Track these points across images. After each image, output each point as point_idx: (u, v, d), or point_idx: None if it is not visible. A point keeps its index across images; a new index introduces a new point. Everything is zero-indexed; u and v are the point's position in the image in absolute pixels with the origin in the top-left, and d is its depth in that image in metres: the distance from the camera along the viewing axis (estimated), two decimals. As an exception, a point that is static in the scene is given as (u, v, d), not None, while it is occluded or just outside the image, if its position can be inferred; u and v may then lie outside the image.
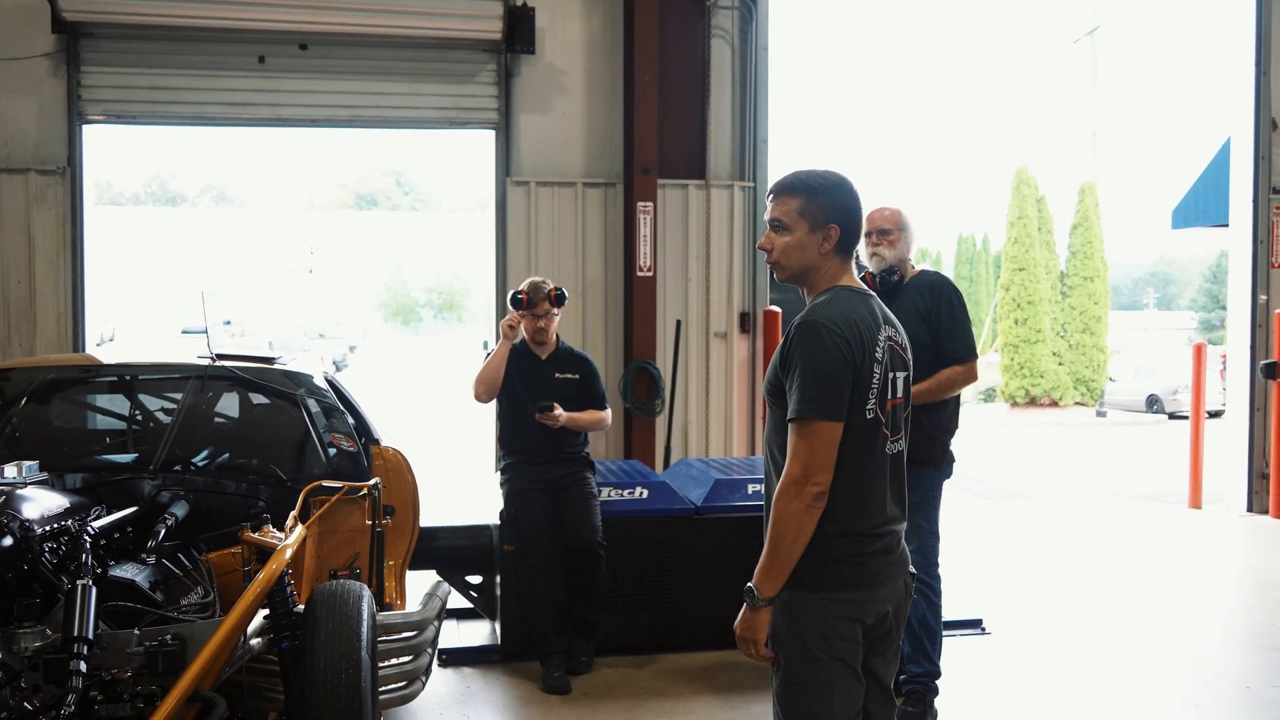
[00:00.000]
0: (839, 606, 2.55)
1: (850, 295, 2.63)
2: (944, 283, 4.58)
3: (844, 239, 2.65)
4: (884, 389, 2.59)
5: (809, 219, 2.63)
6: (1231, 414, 9.64)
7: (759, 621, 2.58)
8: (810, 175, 2.67)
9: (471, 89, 7.95)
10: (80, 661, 2.64)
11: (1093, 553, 8.10)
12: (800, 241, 2.64)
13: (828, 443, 2.49)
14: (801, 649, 2.55)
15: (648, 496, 5.39)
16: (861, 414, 2.54)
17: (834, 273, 2.67)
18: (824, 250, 2.64)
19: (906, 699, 4.43)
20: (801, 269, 2.68)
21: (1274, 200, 9.26)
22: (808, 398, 2.48)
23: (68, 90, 7.46)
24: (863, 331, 2.56)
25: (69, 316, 7.57)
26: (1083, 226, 27.55)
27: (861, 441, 2.56)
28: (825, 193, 2.64)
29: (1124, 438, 20.37)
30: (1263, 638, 5.71)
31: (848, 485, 2.55)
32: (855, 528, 2.57)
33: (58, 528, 3.08)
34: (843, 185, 2.67)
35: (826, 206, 2.63)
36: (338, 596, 2.99)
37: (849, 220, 2.65)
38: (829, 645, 2.54)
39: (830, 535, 2.54)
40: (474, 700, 4.77)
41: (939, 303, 4.48)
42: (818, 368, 2.49)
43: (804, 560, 2.55)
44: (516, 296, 5.16)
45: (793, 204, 2.65)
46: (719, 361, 8.34)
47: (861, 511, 2.58)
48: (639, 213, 7.89)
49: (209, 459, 4.24)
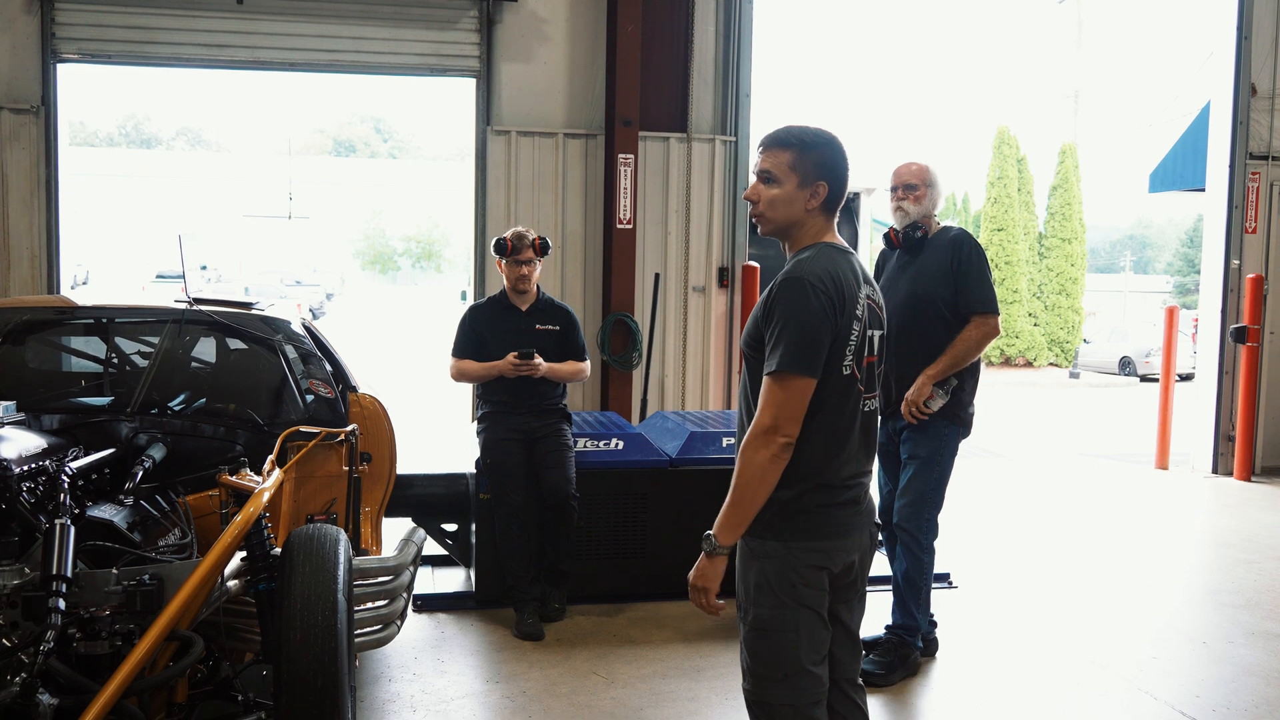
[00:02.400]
0: (806, 555, 2.60)
1: (833, 252, 2.65)
2: (965, 237, 4.51)
3: (831, 197, 2.67)
4: (861, 346, 2.63)
5: (799, 173, 2.64)
6: (1201, 377, 9.77)
7: (714, 570, 2.60)
8: (803, 130, 2.68)
9: (453, 36, 7.88)
10: (59, 599, 2.66)
11: (1061, 511, 8.24)
12: (788, 195, 2.66)
13: (801, 397, 2.52)
14: (770, 596, 2.61)
15: (623, 448, 5.44)
16: (839, 370, 2.58)
17: (818, 229, 2.69)
18: (810, 206, 2.66)
19: (881, 648, 4.51)
20: (786, 223, 2.69)
21: (1251, 166, 9.33)
22: (788, 352, 2.51)
23: (42, 28, 7.34)
24: (844, 289, 2.59)
25: (43, 258, 7.50)
26: (1062, 188, 27.64)
27: (837, 396, 2.60)
28: (817, 149, 2.65)
29: (1096, 399, 20.58)
30: (1221, 595, 5.84)
31: (821, 439, 2.60)
32: (827, 480, 2.62)
33: (35, 467, 3.08)
34: (834, 143, 2.68)
35: (817, 162, 2.64)
36: (315, 540, 3.01)
37: (837, 179, 2.67)
38: (796, 592, 2.59)
39: (802, 487, 2.60)
40: (448, 645, 4.83)
41: (960, 256, 4.43)
42: (800, 324, 2.52)
43: (774, 510, 2.60)
44: (501, 242, 5.16)
45: (784, 157, 2.65)
46: (697, 315, 8.37)
47: (833, 464, 2.62)
48: (620, 165, 7.86)
49: (186, 403, 4.24)
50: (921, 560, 4.48)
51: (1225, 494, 8.73)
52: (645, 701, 4.21)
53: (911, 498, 4.45)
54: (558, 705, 4.16)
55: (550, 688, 4.33)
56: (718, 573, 2.60)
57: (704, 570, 2.61)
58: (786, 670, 2.60)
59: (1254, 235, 9.39)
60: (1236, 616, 5.45)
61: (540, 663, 4.60)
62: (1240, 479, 9.19)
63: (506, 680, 4.42)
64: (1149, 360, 24.28)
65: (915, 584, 4.49)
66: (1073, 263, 27.46)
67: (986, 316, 4.39)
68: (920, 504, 4.45)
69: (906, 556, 4.49)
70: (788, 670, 2.60)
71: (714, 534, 2.59)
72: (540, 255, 5.19)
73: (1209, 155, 9.73)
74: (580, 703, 4.19)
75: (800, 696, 2.61)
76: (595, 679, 4.43)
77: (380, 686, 4.32)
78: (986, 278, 4.45)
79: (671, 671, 4.52)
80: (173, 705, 2.95)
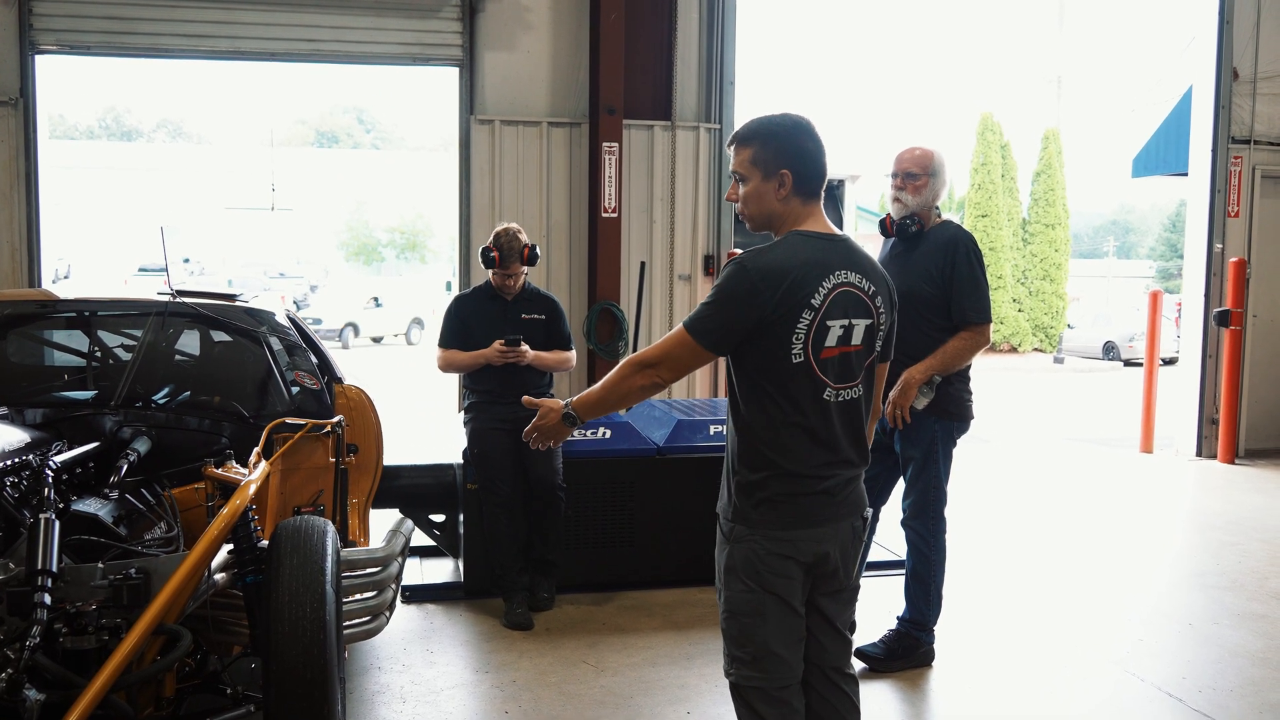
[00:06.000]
0: (770, 543, 2.62)
1: (799, 240, 2.61)
2: (962, 238, 4.28)
3: (800, 182, 2.64)
4: (819, 335, 2.56)
5: (760, 167, 2.64)
6: (1185, 361, 9.83)
7: (559, 431, 2.80)
8: (763, 122, 2.66)
9: (435, 24, 7.84)
10: (44, 594, 2.64)
11: (1047, 495, 8.28)
12: (757, 190, 2.66)
13: (689, 356, 2.62)
14: (738, 580, 2.65)
15: (610, 436, 5.43)
16: (785, 359, 2.55)
17: (796, 216, 2.66)
18: (781, 195, 2.64)
19: (887, 638, 4.51)
20: (765, 216, 2.69)
21: (1233, 150, 9.37)
22: (698, 318, 2.61)
23: (19, 19, 7.27)
24: (793, 279, 2.53)
25: (24, 252, 7.44)
26: (1045, 174, 27.70)
27: (790, 385, 2.57)
28: (775, 139, 2.63)
29: (1080, 384, 20.68)
30: (1205, 577, 5.88)
31: (777, 424, 2.59)
32: (790, 468, 2.60)
33: (19, 462, 3.06)
34: (795, 128, 2.64)
35: (777, 152, 2.63)
36: (302, 532, 2.99)
37: (802, 163, 2.63)
38: (760, 578, 2.62)
39: (764, 474, 2.61)
40: (437, 636, 4.83)
41: (955, 260, 4.21)
42: (719, 301, 2.58)
43: (740, 494, 2.64)
44: (489, 255, 5.10)
45: (745, 154, 2.66)
46: (683, 303, 8.36)
47: (795, 453, 2.60)
48: (604, 153, 7.84)
49: (170, 396, 4.21)
50: (930, 557, 4.43)
51: (1210, 477, 8.79)
52: (635, 689, 4.22)
53: (915, 497, 4.42)
54: (547, 694, 4.16)
55: (540, 677, 4.33)
56: (561, 434, 2.81)
57: (554, 428, 2.79)
58: (755, 652, 2.63)
59: (1236, 219, 9.44)
60: (1222, 598, 5.48)
61: (530, 652, 4.60)
62: (1224, 462, 9.25)
63: (496, 670, 4.41)
64: (1132, 345, 24.39)
65: (924, 580, 4.46)
66: (1056, 248, 27.55)
67: (979, 326, 4.24)
68: (923, 502, 4.40)
69: (914, 554, 4.47)
70: (756, 653, 2.63)
71: (578, 409, 2.75)
72: (528, 265, 5.15)
73: (1191, 140, 9.76)
74: (570, 691, 4.19)
75: (770, 680, 2.63)
76: (585, 667, 4.43)
77: (370, 678, 4.31)
78: (981, 285, 4.26)
79: (661, 659, 4.53)
80: (161, 699, 2.94)
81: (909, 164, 4.32)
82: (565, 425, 2.77)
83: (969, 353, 4.26)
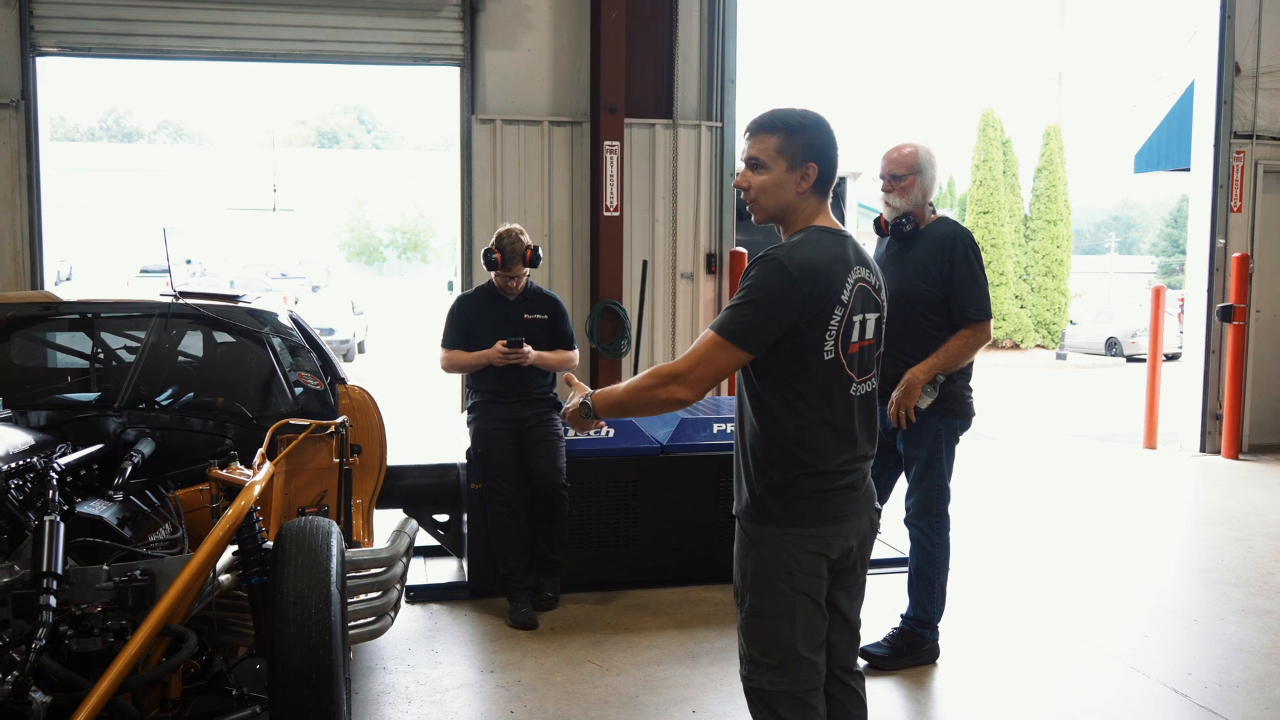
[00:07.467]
0: (803, 541, 2.59)
1: (823, 236, 2.60)
2: (959, 236, 4.25)
3: (821, 178, 2.63)
4: (846, 331, 2.58)
5: (787, 157, 2.60)
6: (1188, 357, 9.82)
7: (580, 425, 2.78)
8: (788, 113, 2.63)
9: (435, 24, 7.83)
10: (50, 596, 2.63)
11: (1051, 491, 8.27)
12: (778, 180, 2.61)
13: (720, 362, 2.54)
14: (766, 582, 2.60)
15: (614, 435, 5.43)
16: (819, 355, 2.55)
17: (810, 212, 2.64)
18: (801, 189, 2.61)
19: (891, 636, 4.51)
20: (779, 208, 2.65)
21: (1235, 145, 9.36)
22: (732, 319, 2.52)
23: (20, 21, 7.27)
24: (826, 275, 2.53)
25: (26, 254, 7.44)
26: (1047, 170, 27.66)
27: (822, 382, 2.57)
28: (803, 131, 2.60)
29: (1083, 380, 20.66)
30: (1211, 573, 5.87)
31: (810, 423, 2.58)
32: (820, 465, 2.60)
33: (23, 464, 3.06)
34: (820, 124, 2.63)
35: (805, 144, 2.60)
36: (306, 532, 2.99)
37: (826, 159, 2.62)
38: (792, 579, 2.58)
39: (795, 473, 2.58)
40: (442, 635, 4.83)
41: (953, 257, 4.19)
42: (755, 300, 2.51)
43: (769, 496, 2.60)
44: (491, 257, 5.10)
45: (770, 142, 2.61)
46: (685, 302, 8.36)
47: (824, 450, 2.60)
48: (605, 152, 7.84)
49: (174, 397, 4.21)
50: (934, 555, 4.43)
51: (1213, 472, 8.77)
52: (640, 689, 4.22)
53: (919, 496, 4.42)
54: (552, 694, 4.16)
55: (545, 676, 4.33)
56: (581, 423, 2.77)
57: (573, 415, 2.76)
58: (782, 657, 2.59)
59: (1239, 214, 9.42)
60: (1226, 594, 5.48)
61: (534, 651, 4.60)
62: (1228, 457, 9.24)
63: (501, 669, 4.41)
64: (1135, 341, 24.38)
65: (928, 578, 4.46)
66: (1058, 244, 27.51)
67: (979, 324, 4.22)
68: (927, 501, 4.40)
69: (918, 552, 4.47)
70: (783, 657, 2.59)
71: (595, 403, 2.72)
72: (530, 266, 5.14)
73: (1193, 135, 9.75)
74: (575, 691, 4.18)
75: (796, 684, 2.60)
76: (590, 667, 4.43)
77: (375, 678, 4.31)
78: (979, 281, 4.24)
79: (666, 658, 4.52)
80: (166, 701, 2.94)
81: (893, 166, 4.31)
82: (582, 416, 2.74)
83: (970, 350, 4.25)
